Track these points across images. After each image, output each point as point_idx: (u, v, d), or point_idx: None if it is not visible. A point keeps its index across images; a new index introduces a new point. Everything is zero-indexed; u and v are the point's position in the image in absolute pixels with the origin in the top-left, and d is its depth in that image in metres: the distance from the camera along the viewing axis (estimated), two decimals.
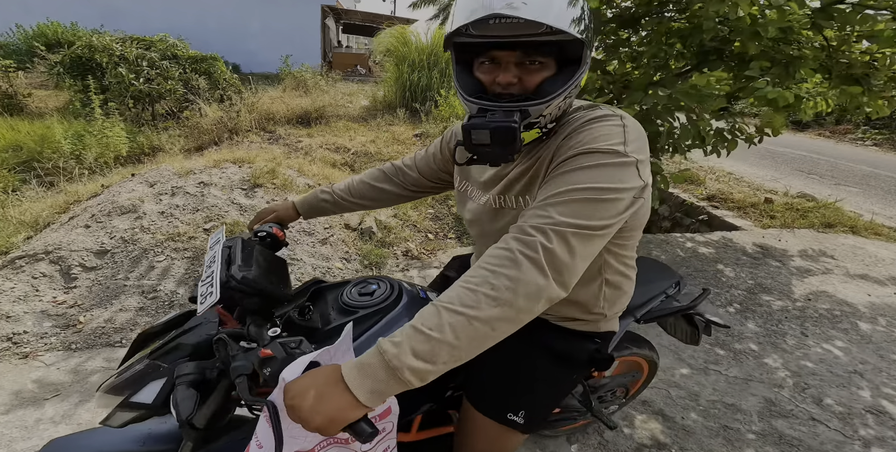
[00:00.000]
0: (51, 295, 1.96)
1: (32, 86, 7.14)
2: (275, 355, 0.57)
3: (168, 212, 2.43)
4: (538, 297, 0.56)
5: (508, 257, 0.57)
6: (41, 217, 2.54)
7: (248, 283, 0.68)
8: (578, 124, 0.68)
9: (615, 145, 0.62)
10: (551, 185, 0.64)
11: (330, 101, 5.81)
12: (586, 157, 0.63)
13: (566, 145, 0.67)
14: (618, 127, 0.65)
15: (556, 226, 0.58)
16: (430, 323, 0.53)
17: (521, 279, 0.55)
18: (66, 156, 3.98)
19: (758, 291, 2.60)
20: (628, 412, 1.64)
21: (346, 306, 0.79)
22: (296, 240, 2.45)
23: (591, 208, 0.60)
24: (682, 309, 1.22)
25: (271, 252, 0.83)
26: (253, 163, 3.00)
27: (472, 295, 0.55)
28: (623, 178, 0.62)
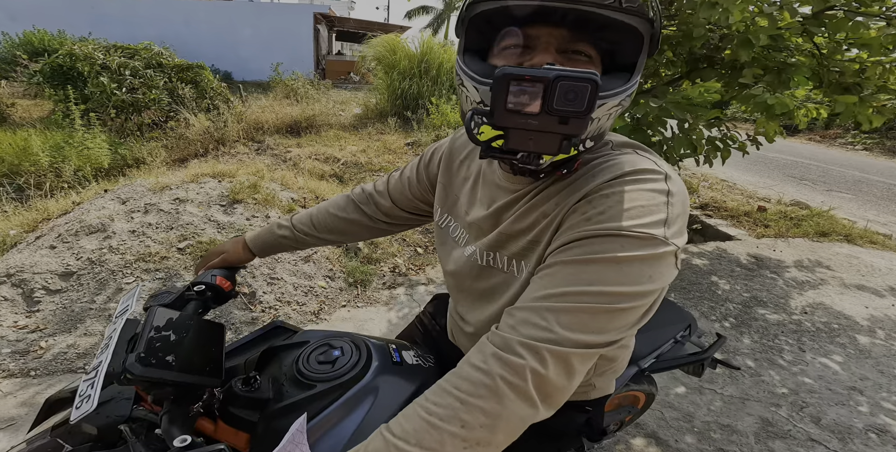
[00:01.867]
0: (11, 319, 1.85)
1: (16, 95, 7.02)
2: None
3: (140, 231, 2.33)
4: (521, 428, 0.45)
5: (486, 385, 0.43)
6: (8, 236, 2.43)
7: (151, 376, 0.54)
8: (606, 180, 0.48)
9: (653, 227, 0.44)
10: (556, 278, 0.47)
11: (321, 110, 5.74)
12: (611, 242, 0.45)
13: (583, 212, 0.48)
14: (661, 194, 0.46)
15: (554, 344, 0.43)
16: None
17: (501, 415, 0.42)
18: (44, 169, 3.86)
19: (753, 304, 2.54)
20: (619, 435, 1.56)
21: (301, 377, 0.66)
22: (276, 258, 2.36)
23: (606, 319, 0.44)
24: (694, 360, 1.13)
25: (201, 317, 0.69)
26: (234, 177, 2.90)
27: (434, 434, 0.42)
28: (655, 275, 0.45)
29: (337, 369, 0.67)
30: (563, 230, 0.50)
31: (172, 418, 0.54)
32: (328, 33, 15.41)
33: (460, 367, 0.46)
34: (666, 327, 1.16)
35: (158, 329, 0.59)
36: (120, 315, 0.64)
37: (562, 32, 0.47)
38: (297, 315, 2.13)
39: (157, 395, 0.57)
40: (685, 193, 0.50)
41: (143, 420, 0.57)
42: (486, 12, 0.49)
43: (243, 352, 0.78)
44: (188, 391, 0.58)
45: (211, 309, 0.74)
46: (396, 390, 0.65)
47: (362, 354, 0.70)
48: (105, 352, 0.57)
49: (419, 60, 6.59)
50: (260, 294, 2.15)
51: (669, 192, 0.47)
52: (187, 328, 0.63)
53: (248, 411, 0.63)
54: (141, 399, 0.62)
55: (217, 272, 0.78)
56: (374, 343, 0.74)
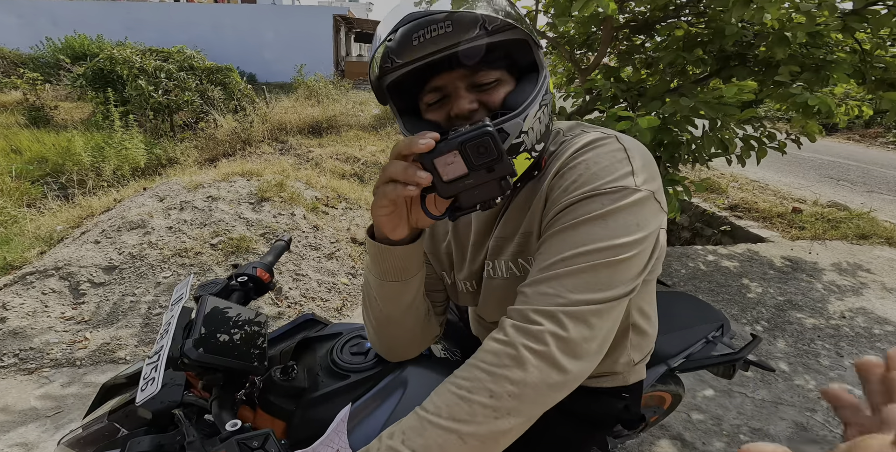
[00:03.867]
0: (59, 311, 1.97)
1: (59, 98, 7.43)
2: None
3: (176, 227, 2.44)
4: (555, 396, 0.45)
5: (510, 354, 0.44)
6: (55, 232, 2.59)
7: (205, 361, 0.57)
8: (567, 156, 0.53)
9: (622, 179, 0.49)
10: (552, 248, 0.50)
11: (341, 110, 5.84)
12: (590, 203, 0.48)
13: (559, 187, 0.52)
14: (618, 151, 0.51)
15: (568, 306, 0.45)
16: (413, 443, 0.42)
17: (528, 382, 0.43)
18: (85, 168, 4.09)
19: (787, 308, 2.45)
20: (643, 436, 1.54)
21: (335, 367, 0.69)
22: (301, 255, 2.43)
23: (609, 274, 0.46)
24: (727, 360, 1.10)
25: (245, 307, 0.72)
26: (261, 175, 3.00)
27: (465, 407, 0.43)
28: (642, 221, 0.48)
29: (369, 360, 0.69)
30: (548, 207, 0.54)
31: (222, 403, 0.57)
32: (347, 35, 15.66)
33: (485, 343, 0.48)
34: (697, 326, 1.14)
35: (210, 316, 0.62)
36: (175, 302, 0.68)
37: (460, 73, 0.53)
38: (321, 311, 2.19)
39: (209, 380, 0.60)
40: (640, 146, 0.54)
41: (194, 405, 0.60)
42: (395, 81, 0.55)
43: (278, 343, 0.81)
44: (236, 377, 0.61)
45: (251, 300, 0.78)
46: (426, 381, 0.66)
47: None
48: (165, 338, 0.60)
49: None
50: (286, 289, 2.22)
51: (625, 148, 0.52)
52: (235, 316, 0.66)
53: (286, 399, 0.65)
54: (191, 385, 0.66)
55: (257, 263, 0.81)
56: None
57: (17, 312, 1.91)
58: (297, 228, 2.58)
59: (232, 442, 0.49)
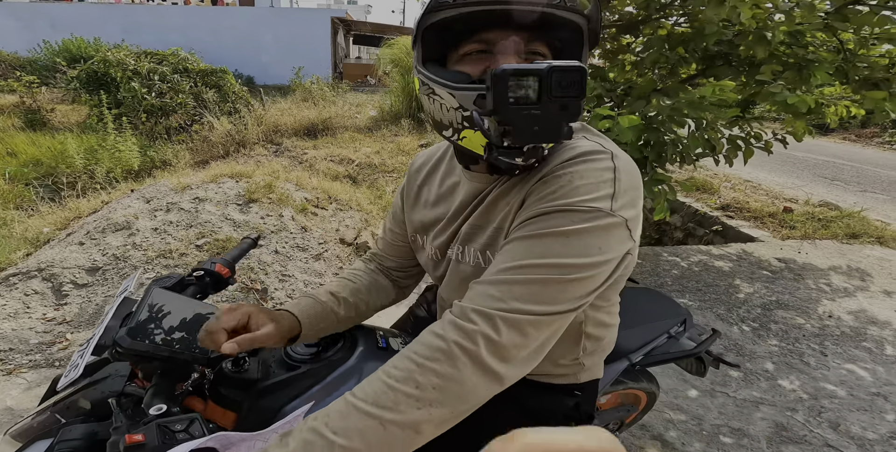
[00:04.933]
0: (41, 312, 1.97)
1: (55, 101, 7.44)
2: (145, 442, 0.46)
3: (161, 229, 2.44)
4: (477, 397, 0.46)
5: (441, 349, 0.45)
6: (42, 234, 2.59)
7: (138, 349, 0.56)
8: (557, 163, 0.52)
9: (600, 201, 0.47)
10: (510, 252, 0.50)
11: (337, 112, 5.85)
12: (559, 218, 0.48)
13: (538, 193, 0.51)
14: (607, 171, 0.49)
15: (507, 312, 0.46)
16: (335, 426, 0.43)
17: (453, 378, 0.44)
18: (78, 170, 4.09)
19: (774, 307, 2.45)
20: (623, 436, 1.53)
21: (288, 359, 0.68)
22: (288, 256, 2.42)
23: (556, 290, 0.46)
24: (686, 354, 1.10)
25: (197, 300, 0.71)
26: (251, 177, 3.00)
27: (389, 394, 0.44)
28: (605, 246, 0.47)
29: (322, 351, 0.69)
30: (522, 210, 0.53)
31: (157, 392, 0.57)
32: (345, 37, 15.70)
33: (421, 335, 0.49)
34: (658, 321, 1.14)
35: (153, 307, 0.62)
36: (120, 295, 0.68)
37: (519, 35, 0.50)
38: None
39: (145, 369, 0.60)
40: (632, 169, 0.52)
41: (133, 395, 0.59)
42: (445, 20, 0.51)
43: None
44: (175, 367, 0.61)
45: (209, 295, 0.77)
46: None
47: (347, 338, 0.72)
48: (99, 327, 0.60)
49: None
50: (272, 290, 2.22)
51: (616, 169, 0.50)
52: (181, 308, 0.65)
53: (237, 391, 0.65)
54: (135, 376, 0.65)
55: (217, 259, 0.80)
56: (361, 329, 0.76)
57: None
58: (285, 229, 2.58)
59: (152, 426, 0.48)
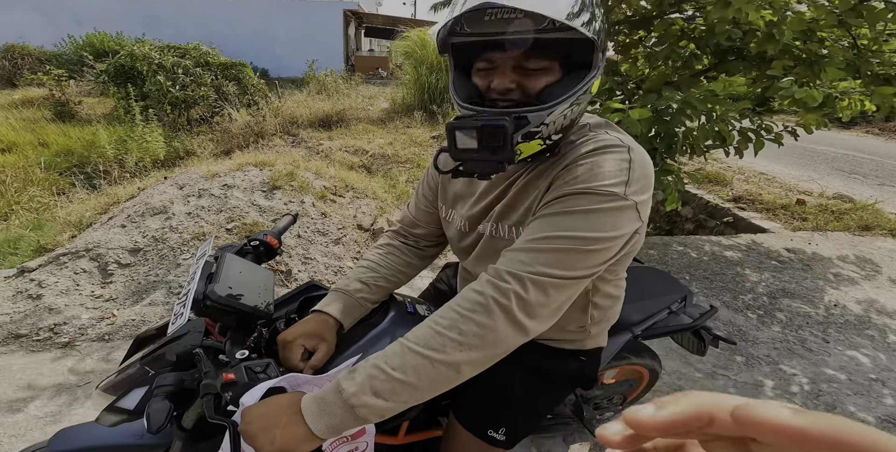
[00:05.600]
0: (89, 289, 2.14)
1: (82, 94, 7.69)
2: (237, 379, 0.58)
3: (194, 213, 2.60)
4: (507, 344, 0.55)
5: (480, 303, 0.55)
6: (84, 217, 2.77)
7: (223, 302, 0.67)
8: (581, 153, 0.61)
9: (615, 186, 0.56)
10: (538, 226, 0.59)
11: (351, 104, 5.95)
12: (581, 199, 0.57)
13: (563, 178, 0.60)
14: (623, 162, 0.58)
15: (534, 274, 0.55)
16: (393, 363, 0.54)
17: (490, 327, 0.54)
18: (109, 160, 4.30)
19: (780, 296, 2.50)
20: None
21: None
22: (310, 240, 2.56)
23: (575, 258, 0.56)
24: (684, 327, 1.17)
25: (257, 265, 0.82)
26: (273, 166, 3.14)
27: (438, 339, 0.54)
28: (618, 224, 0.56)
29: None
30: (549, 193, 0.62)
31: (234, 342, 0.69)
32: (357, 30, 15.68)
33: (463, 291, 0.59)
34: (660, 297, 1.21)
35: (228, 269, 0.74)
36: (200, 258, 0.79)
37: (516, 54, 0.57)
38: None
39: (224, 323, 0.71)
40: (645, 161, 0.61)
41: (211, 348, 0.68)
42: (455, 44, 0.62)
43: (284, 306, 0.92)
44: (247, 322, 0.72)
45: (262, 262, 0.89)
46: None
47: (381, 306, 0.84)
48: (191, 283, 0.71)
49: None
50: (295, 272, 2.36)
51: (631, 160, 0.59)
52: (249, 272, 0.78)
53: None
54: (209, 333, 0.77)
55: (268, 232, 0.92)
56: (392, 298, 0.88)
57: (52, 290, 2.08)
58: (306, 215, 2.71)
59: (241, 367, 0.60)
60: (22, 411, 1.52)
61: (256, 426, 0.52)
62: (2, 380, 1.65)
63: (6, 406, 1.55)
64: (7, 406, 1.55)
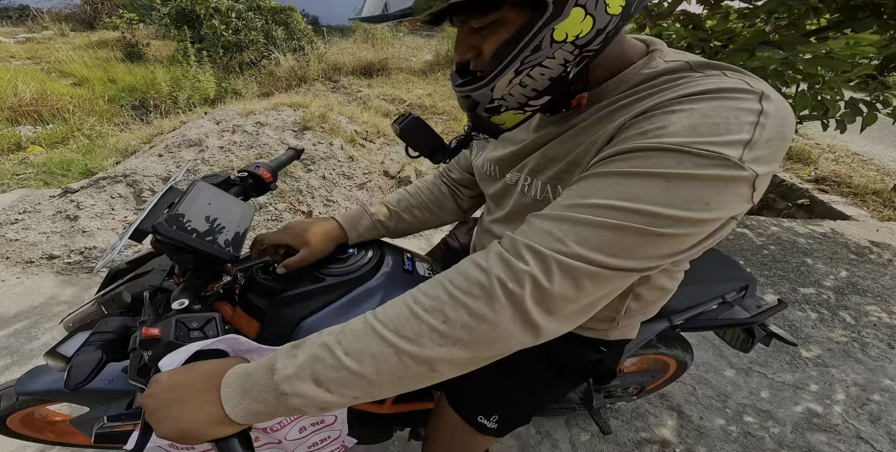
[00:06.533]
0: (122, 214, 2.20)
1: (150, 36, 7.95)
2: (160, 336, 0.46)
3: (227, 147, 2.58)
4: (507, 346, 0.39)
5: (481, 283, 0.38)
6: (130, 146, 2.86)
7: (173, 237, 0.53)
8: (673, 97, 0.40)
9: (728, 147, 0.35)
10: (585, 187, 0.40)
11: (394, 54, 5.66)
12: (665, 157, 0.36)
13: (640, 126, 0.40)
14: (748, 113, 0.37)
15: (565, 256, 0.37)
16: (349, 346, 0.39)
17: (488, 319, 0.38)
18: (164, 96, 4.43)
19: (849, 292, 2.10)
20: (640, 402, 1.45)
21: (315, 270, 0.66)
22: (334, 182, 2.47)
23: (635, 242, 0.37)
24: (738, 322, 0.95)
25: (236, 198, 0.69)
26: (307, 107, 3.03)
27: (413, 323, 0.39)
28: (716, 202, 0.36)
29: (349, 265, 0.67)
30: (609, 146, 0.42)
31: (185, 288, 0.56)
32: None
33: (461, 264, 0.42)
34: (715, 283, 0.96)
35: (195, 199, 0.60)
36: (168, 184, 0.67)
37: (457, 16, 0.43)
38: None
39: (180, 262, 0.59)
40: (785, 117, 0.38)
41: (168, 291, 0.59)
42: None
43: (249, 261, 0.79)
44: (207, 263, 0.59)
45: (251, 197, 0.76)
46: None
47: (375, 256, 0.69)
48: (143, 212, 0.59)
49: None
50: (316, 213, 2.30)
51: (762, 112, 0.37)
52: (222, 205, 0.64)
53: (263, 299, 0.64)
54: (174, 274, 0.66)
55: (262, 163, 0.78)
56: (390, 248, 0.73)
57: (88, 212, 2.15)
58: (334, 157, 2.61)
59: (171, 320, 0.47)
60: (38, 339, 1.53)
61: (157, 399, 0.40)
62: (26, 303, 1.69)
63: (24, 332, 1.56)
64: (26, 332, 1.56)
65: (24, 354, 1.47)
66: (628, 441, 1.32)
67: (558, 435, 1.31)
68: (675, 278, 0.61)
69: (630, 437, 1.33)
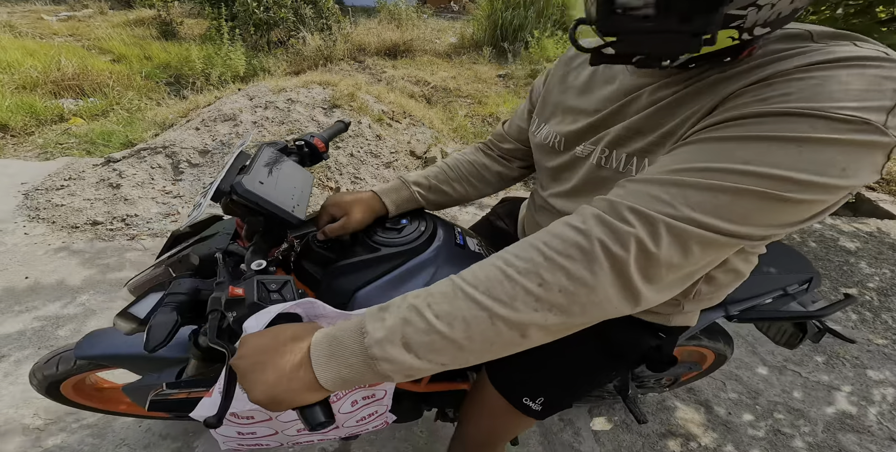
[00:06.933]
0: (161, 184, 2.27)
1: (184, 15, 8.04)
2: (245, 296, 0.45)
3: (259, 122, 2.60)
4: (604, 313, 0.37)
5: (580, 246, 0.36)
6: (167, 119, 2.92)
7: (251, 198, 0.54)
8: (800, 65, 0.36)
9: (870, 112, 0.32)
10: (695, 151, 0.37)
11: (419, 36, 5.56)
12: (797, 123, 0.33)
13: (759, 93, 0.36)
14: (890, 81, 0.33)
15: (676, 219, 0.35)
16: (438, 309, 0.37)
17: (587, 283, 0.35)
18: (197, 73, 4.50)
19: (892, 294, 1.98)
20: (667, 395, 1.42)
21: (369, 239, 0.66)
22: (361, 160, 2.47)
23: (755, 206, 0.34)
24: (803, 315, 0.89)
25: (300, 166, 0.70)
26: (336, 85, 3.01)
27: (507, 285, 0.37)
28: (852, 169, 0.33)
29: (403, 236, 0.66)
30: (715, 114, 0.38)
31: (256, 250, 0.57)
32: None
33: (555, 225, 0.39)
34: (778, 274, 0.92)
35: (264, 163, 0.62)
36: (238, 148, 0.68)
37: None
38: None
39: (250, 223, 0.59)
40: None
41: (236, 254, 0.59)
42: None
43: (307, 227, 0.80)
44: (275, 226, 0.60)
45: (305, 165, 0.77)
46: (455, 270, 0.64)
47: (428, 228, 0.68)
48: (220, 173, 0.60)
49: None
50: (343, 189, 2.31)
51: None
52: (287, 171, 0.65)
53: (318, 267, 0.64)
54: (238, 236, 0.66)
55: (316, 133, 0.79)
56: (441, 222, 0.72)
57: (130, 181, 2.22)
58: (361, 135, 2.60)
59: (252, 280, 0.47)
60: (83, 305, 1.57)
61: (250, 361, 0.39)
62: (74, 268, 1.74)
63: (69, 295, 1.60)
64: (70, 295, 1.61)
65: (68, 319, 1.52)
66: (653, 433, 1.30)
67: (580, 423, 1.30)
68: (749, 261, 0.57)
69: (655, 429, 1.31)
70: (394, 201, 0.72)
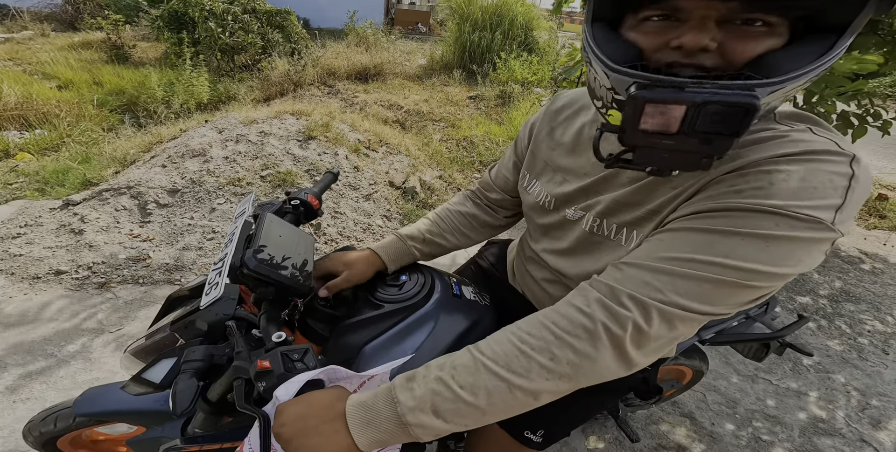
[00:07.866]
0: (128, 228, 2.11)
1: (137, 38, 7.66)
2: (272, 369, 0.49)
3: (231, 158, 2.50)
4: (602, 377, 0.44)
5: (586, 328, 0.43)
6: (129, 154, 2.74)
7: (262, 272, 0.56)
8: (770, 156, 0.41)
9: (823, 210, 0.38)
10: (682, 241, 0.42)
11: (388, 59, 5.59)
12: (763, 219, 0.39)
13: (733, 184, 0.41)
14: (841, 177, 0.39)
15: (665, 304, 0.41)
16: (462, 380, 0.43)
17: (591, 357, 0.43)
18: (157, 101, 4.27)
19: (842, 300, 2.18)
20: (653, 409, 1.48)
21: (371, 297, 0.69)
22: (340, 194, 2.43)
23: (727, 293, 0.41)
24: (766, 337, 1.00)
25: (297, 228, 0.70)
26: (310, 115, 2.97)
27: (522, 360, 0.43)
28: (806, 260, 0.40)
29: (404, 292, 0.69)
30: (699, 199, 0.44)
31: (270, 318, 0.58)
32: None
33: (560, 306, 0.46)
34: None
35: (269, 232, 0.61)
36: (239, 216, 0.67)
37: (731, 4, 0.36)
38: None
39: (261, 294, 0.60)
40: (870, 178, 0.41)
41: (244, 319, 0.60)
42: None
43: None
44: (284, 294, 0.61)
45: (300, 224, 0.77)
46: (454, 320, 0.66)
47: (426, 282, 0.71)
48: (229, 247, 0.60)
49: (493, 13, 6.07)
50: (324, 226, 2.25)
51: (854, 177, 0.39)
52: (290, 236, 0.65)
53: (323, 325, 0.66)
54: (243, 301, 0.67)
55: (308, 190, 0.79)
56: (437, 273, 0.74)
57: (93, 226, 2.05)
58: (339, 168, 2.56)
59: (277, 353, 0.50)
60: (55, 356, 1.47)
61: (292, 429, 0.43)
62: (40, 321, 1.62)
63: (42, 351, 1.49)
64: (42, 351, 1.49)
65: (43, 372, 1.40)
66: (645, 447, 1.35)
67: (576, 443, 1.33)
68: None
69: (646, 443, 1.36)
70: (390, 256, 0.75)
